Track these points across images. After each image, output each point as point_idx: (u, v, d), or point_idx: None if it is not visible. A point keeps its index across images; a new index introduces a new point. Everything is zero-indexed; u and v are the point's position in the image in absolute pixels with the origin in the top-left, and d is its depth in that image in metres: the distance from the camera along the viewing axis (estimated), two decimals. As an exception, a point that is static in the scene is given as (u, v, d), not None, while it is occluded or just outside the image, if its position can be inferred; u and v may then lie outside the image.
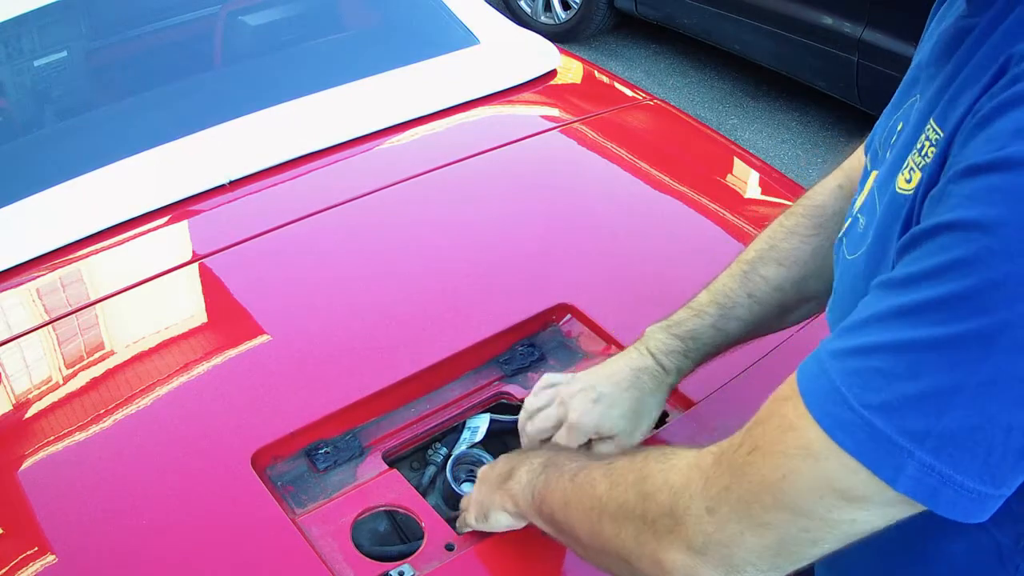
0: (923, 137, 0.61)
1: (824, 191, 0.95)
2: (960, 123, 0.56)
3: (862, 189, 0.74)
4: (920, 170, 0.60)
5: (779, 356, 1.20)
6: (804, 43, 3.47)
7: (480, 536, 0.97)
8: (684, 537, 0.63)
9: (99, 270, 1.34)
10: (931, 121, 0.61)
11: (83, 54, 1.83)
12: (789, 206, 0.98)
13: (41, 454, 1.04)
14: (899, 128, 0.70)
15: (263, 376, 1.15)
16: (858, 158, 0.91)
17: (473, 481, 1.08)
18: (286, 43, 1.97)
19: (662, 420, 1.13)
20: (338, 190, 1.47)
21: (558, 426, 0.97)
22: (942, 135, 0.58)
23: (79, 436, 1.06)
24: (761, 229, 0.98)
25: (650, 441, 1.08)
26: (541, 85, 1.80)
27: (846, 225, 0.75)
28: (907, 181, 0.62)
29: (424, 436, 1.12)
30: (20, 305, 1.28)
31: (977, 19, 0.61)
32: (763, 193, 1.63)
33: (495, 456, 1.11)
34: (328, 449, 1.07)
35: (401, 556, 0.96)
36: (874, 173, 0.72)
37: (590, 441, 0.98)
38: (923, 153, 0.60)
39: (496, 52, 1.85)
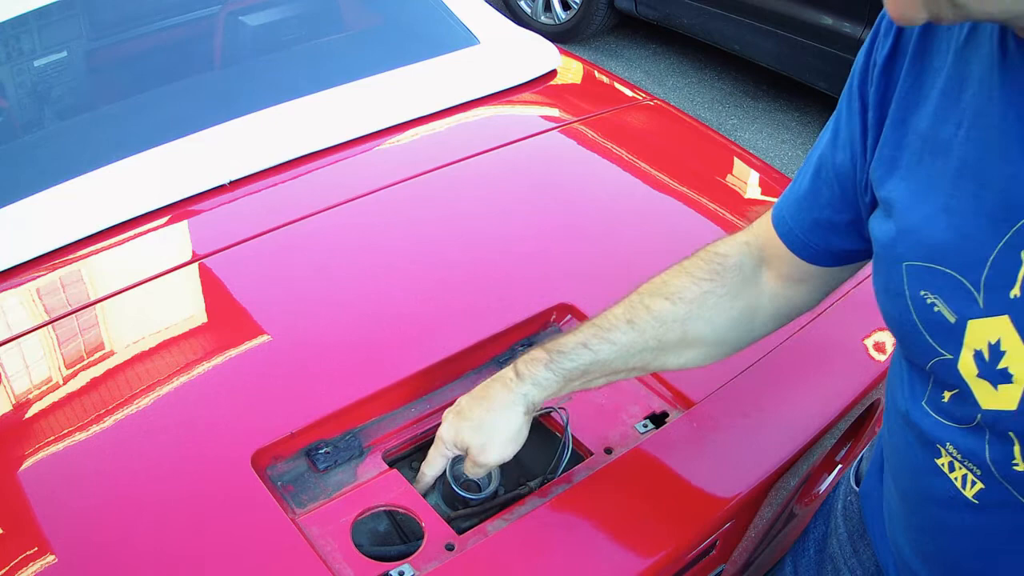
0: None
1: (729, 242, 0.93)
2: None
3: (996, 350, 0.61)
4: None
5: (779, 356, 1.20)
6: (804, 43, 3.47)
7: (480, 536, 0.98)
8: None
9: (99, 270, 1.34)
10: None
11: (83, 54, 1.83)
12: None
13: (41, 454, 1.04)
14: None
15: (263, 376, 1.15)
16: (767, 225, 0.90)
17: (473, 481, 1.08)
18: (286, 43, 1.97)
19: (662, 419, 1.13)
20: (338, 190, 1.47)
21: None
22: None
23: (79, 436, 1.06)
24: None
25: (652, 442, 1.09)
26: (541, 85, 1.81)
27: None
28: None
29: (424, 436, 1.12)
30: (20, 305, 1.28)
31: None
32: (763, 193, 1.63)
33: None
34: (328, 449, 1.07)
35: (401, 556, 0.96)
36: (1003, 320, 0.61)
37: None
38: None
39: (496, 52, 1.85)
